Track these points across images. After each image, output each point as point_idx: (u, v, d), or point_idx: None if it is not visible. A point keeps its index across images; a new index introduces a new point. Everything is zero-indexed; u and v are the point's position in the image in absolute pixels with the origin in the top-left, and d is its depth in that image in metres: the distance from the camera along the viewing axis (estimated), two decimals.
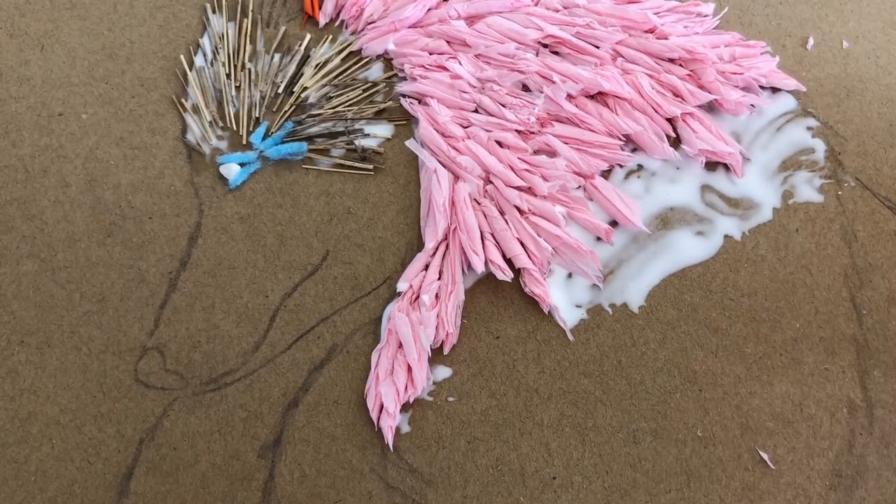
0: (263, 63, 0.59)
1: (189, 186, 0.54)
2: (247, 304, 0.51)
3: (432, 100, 0.56)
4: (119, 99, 0.57)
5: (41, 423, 0.48)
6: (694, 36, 0.59)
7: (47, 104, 0.56)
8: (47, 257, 0.52)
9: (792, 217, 0.54)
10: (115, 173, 0.55)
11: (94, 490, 0.47)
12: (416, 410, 0.49)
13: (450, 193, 0.53)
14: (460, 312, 0.51)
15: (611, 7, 0.59)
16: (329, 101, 0.58)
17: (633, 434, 0.48)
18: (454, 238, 0.52)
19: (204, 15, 0.60)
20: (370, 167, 0.55)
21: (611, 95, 0.56)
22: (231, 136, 0.56)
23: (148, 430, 0.48)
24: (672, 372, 0.49)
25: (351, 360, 0.50)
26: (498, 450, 0.48)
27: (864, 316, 0.51)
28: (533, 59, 0.57)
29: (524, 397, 0.49)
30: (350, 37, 0.61)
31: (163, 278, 0.52)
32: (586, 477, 0.47)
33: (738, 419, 0.48)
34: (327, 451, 0.48)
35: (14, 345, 0.50)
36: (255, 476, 0.47)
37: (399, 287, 0.51)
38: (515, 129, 0.55)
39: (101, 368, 0.49)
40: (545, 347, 0.50)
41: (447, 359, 0.50)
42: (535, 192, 0.53)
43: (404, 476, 0.47)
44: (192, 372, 0.49)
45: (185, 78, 0.58)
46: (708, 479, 0.47)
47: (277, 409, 0.48)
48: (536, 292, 0.50)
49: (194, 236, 0.53)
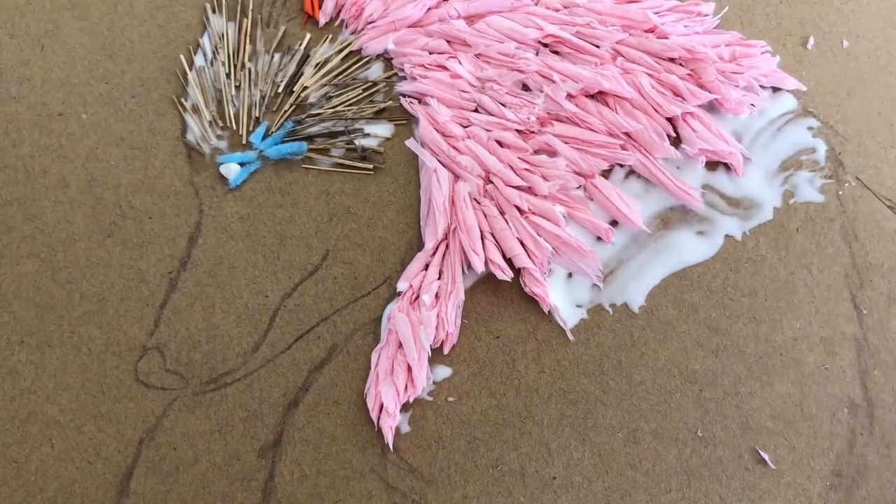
0: (263, 63, 0.59)
1: (189, 186, 0.54)
2: (247, 303, 0.51)
3: (432, 99, 0.56)
4: (119, 99, 0.57)
5: (41, 423, 0.48)
6: (694, 35, 0.59)
7: (47, 104, 0.56)
8: (47, 257, 0.52)
9: (792, 217, 0.54)
10: (115, 173, 0.55)
11: (94, 490, 0.47)
12: (415, 410, 0.49)
13: (450, 193, 0.53)
14: (460, 312, 0.51)
15: (611, 6, 0.59)
16: (329, 100, 0.58)
17: (633, 434, 0.48)
18: (454, 238, 0.52)
19: (204, 15, 0.60)
20: (370, 167, 0.55)
21: (611, 95, 0.55)
22: (231, 136, 0.56)
23: (148, 430, 0.48)
24: (672, 372, 0.49)
25: (351, 360, 0.50)
26: (498, 450, 0.48)
27: (864, 316, 0.51)
28: (533, 58, 0.57)
29: (524, 397, 0.49)
30: (350, 36, 0.61)
31: (163, 278, 0.52)
32: (586, 477, 0.47)
33: (738, 419, 0.48)
34: (327, 450, 0.48)
35: (14, 345, 0.50)
36: (256, 476, 0.47)
37: (399, 287, 0.51)
38: (515, 128, 0.55)
39: (101, 368, 0.50)
40: (545, 347, 0.50)
41: (447, 359, 0.50)
42: (535, 191, 0.53)
43: (404, 476, 0.47)
44: (192, 372, 0.49)
45: (184, 78, 0.58)
46: (708, 479, 0.47)
47: (277, 409, 0.48)
48: (536, 292, 0.50)
49: (194, 236, 0.53)
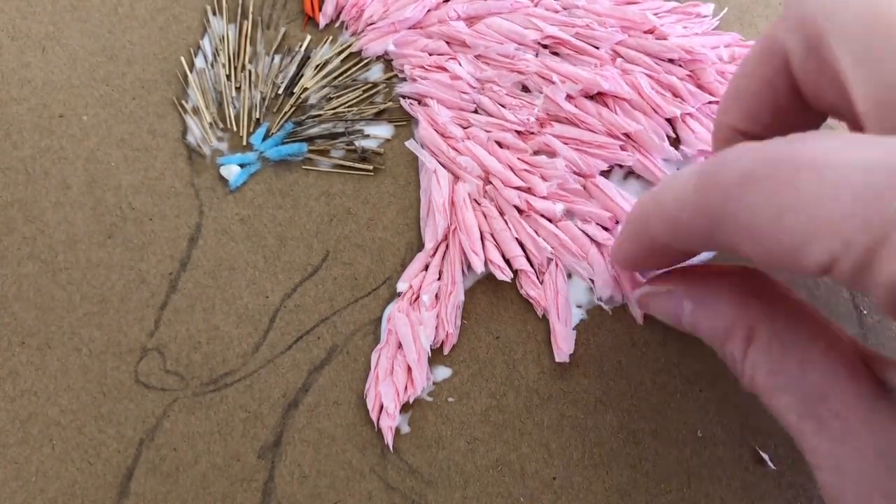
0: (264, 64, 0.59)
1: (189, 188, 0.55)
2: (247, 304, 0.51)
3: (432, 100, 0.56)
4: (120, 101, 0.57)
5: (41, 424, 0.48)
6: (693, 36, 0.59)
7: (48, 106, 0.57)
8: (48, 259, 0.52)
9: None
10: (116, 175, 0.55)
11: (95, 491, 0.47)
12: (415, 411, 0.49)
13: (449, 194, 0.53)
14: (460, 313, 0.51)
15: (610, 8, 0.59)
16: (329, 102, 0.58)
17: (633, 434, 0.48)
18: (454, 238, 0.52)
19: (204, 17, 0.60)
20: (370, 168, 0.55)
21: (610, 96, 0.56)
22: (231, 138, 0.56)
23: (148, 430, 0.48)
24: (672, 372, 0.49)
25: (351, 360, 0.50)
26: (498, 450, 0.48)
27: (864, 316, 0.51)
28: (532, 59, 0.57)
29: (524, 397, 0.49)
30: (350, 38, 0.61)
31: (163, 279, 0.52)
32: (586, 477, 0.47)
33: (738, 419, 0.48)
34: (327, 451, 0.47)
35: (15, 346, 0.50)
36: (255, 477, 0.47)
37: (399, 287, 0.51)
38: (515, 129, 0.55)
39: (101, 369, 0.50)
40: (545, 348, 0.50)
41: (447, 359, 0.50)
42: (534, 191, 0.53)
43: (404, 476, 0.47)
44: (192, 373, 0.49)
45: (185, 80, 0.58)
46: (708, 479, 0.46)
47: (277, 410, 0.48)
48: (532, 294, 0.50)
49: (195, 237, 0.53)
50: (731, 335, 0.35)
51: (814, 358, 0.29)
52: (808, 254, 0.24)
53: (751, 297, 0.35)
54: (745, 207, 0.26)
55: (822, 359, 0.30)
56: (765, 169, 0.25)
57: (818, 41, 0.30)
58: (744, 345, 0.34)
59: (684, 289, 0.39)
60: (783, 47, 0.33)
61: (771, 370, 0.32)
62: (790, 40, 0.31)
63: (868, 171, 0.21)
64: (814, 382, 0.29)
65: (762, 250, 0.27)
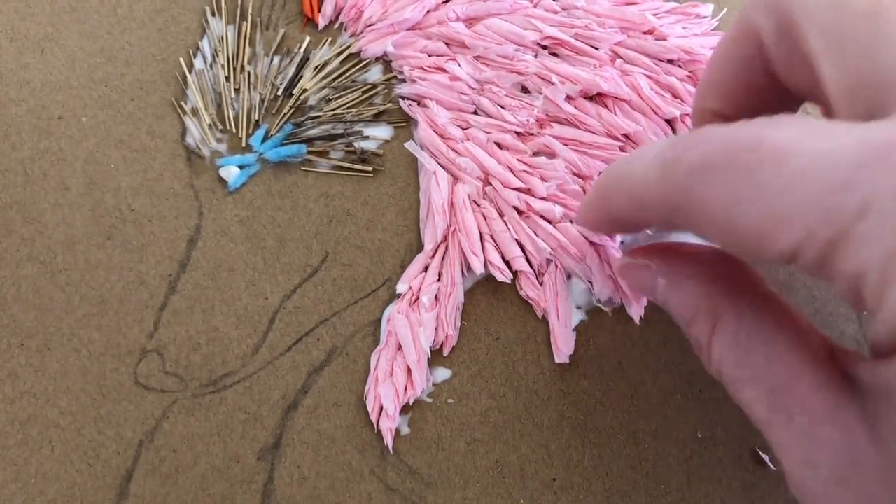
0: (263, 66, 0.59)
1: (189, 189, 0.54)
2: (246, 306, 0.51)
3: (431, 101, 0.56)
4: (118, 102, 0.57)
5: (41, 426, 0.48)
6: (693, 37, 0.59)
7: (47, 107, 0.56)
8: (47, 260, 0.52)
9: None
10: (115, 176, 0.55)
11: (94, 492, 0.47)
12: (415, 412, 0.48)
13: (449, 195, 0.53)
14: (460, 314, 0.51)
15: (609, 8, 0.59)
16: (328, 103, 0.58)
17: (633, 435, 0.48)
18: (453, 239, 0.52)
19: (203, 18, 0.60)
20: (369, 169, 0.55)
21: (610, 96, 0.56)
22: (230, 139, 0.56)
23: (147, 432, 0.48)
24: (672, 373, 0.49)
25: (350, 361, 0.50)
26: (498, 451, 0.47)
27: (864, 316, 0.51)
28: (532, 60, 0.57)
29: (524, 398, 0.49)
30: (349, 39, 0.61)
31: (162, 280, 0.52)
32: (586, 478, 0.47)
33: (738, 419, 0.48)
34: (327, 453, 0.47)
35: (14, 347, 0.50)
36: (255, 478, 0.47)
37: (398, 289, 0.51)
38: (514, 130, 0.55)
39: (100, 371, 0.49)
40: (545, 349, 0.50)
41: (447, 360, 0.50)
42: (533, 193, 0.53)
43: (404, 478, 0.47)
44: (191, 374, 0.49)
45: (184, 81, 0.58)
46: (708, 480, 0.46)
47: (277, 412, 0.48)
48: (532, 296, 0.50)
49: (194, 239, 0.53)
50: (696, 319, 0.34)
51: (779, 350, 0.29)
52: (771, 243, 0.24)
53: (720, 283, 0.34)
54: (705, 196, 0.25)
55: (787, 351, 0.29)
56: (724, 158, 0.24)
57: (790, 25, 0.29)
58: (708, 330, 0.34)
59: (658, 264, 0.39)
60: (757, 30, 0.33)
61: (737, 363, 0.31)
62: (764, 23, 0.31)
63: (832, 162, 0.21)
64: (779, 375, 0.29)
65: (722, 238, 0.27)
